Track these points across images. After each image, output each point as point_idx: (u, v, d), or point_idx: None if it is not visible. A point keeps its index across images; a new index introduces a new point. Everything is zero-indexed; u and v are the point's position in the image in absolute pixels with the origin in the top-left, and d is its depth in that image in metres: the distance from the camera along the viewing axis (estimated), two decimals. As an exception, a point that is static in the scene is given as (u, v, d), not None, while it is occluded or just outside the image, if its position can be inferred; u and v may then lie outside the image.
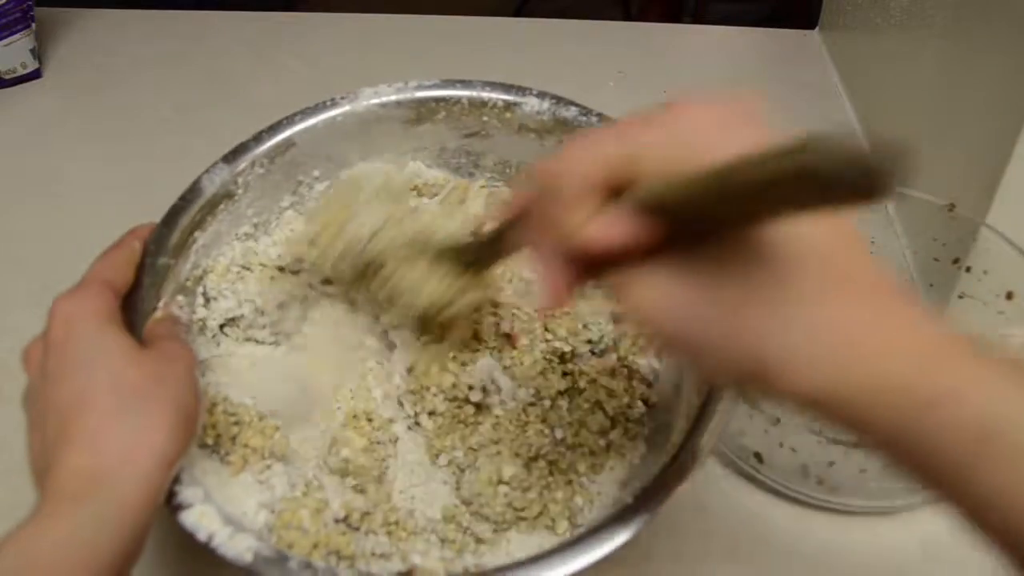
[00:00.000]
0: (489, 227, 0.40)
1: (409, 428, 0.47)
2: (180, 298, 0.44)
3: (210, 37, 0.92)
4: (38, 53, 0.83)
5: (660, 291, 0.28)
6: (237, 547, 0.36)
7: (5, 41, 0.80)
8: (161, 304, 0.43)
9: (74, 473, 0.33)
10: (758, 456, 0.47)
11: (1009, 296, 0.49)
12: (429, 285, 0.44)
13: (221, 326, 0.48)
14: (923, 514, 0.48)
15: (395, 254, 0.44)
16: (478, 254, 0.43)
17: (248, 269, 0.49)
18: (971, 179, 0.54)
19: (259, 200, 0.49)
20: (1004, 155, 0.50)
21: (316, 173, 0.51)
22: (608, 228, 0.27)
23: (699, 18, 1.54)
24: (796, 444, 0.45)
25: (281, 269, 0.50)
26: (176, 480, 0.37)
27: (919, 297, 0.26)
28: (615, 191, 0.28)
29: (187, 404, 0.37)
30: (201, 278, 0.47)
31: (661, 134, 0.28)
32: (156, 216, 0.47)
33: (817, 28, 0.89)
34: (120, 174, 0.73)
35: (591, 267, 0.29)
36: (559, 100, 0.49)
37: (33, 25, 0.82)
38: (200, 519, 0.36)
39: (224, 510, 0.37)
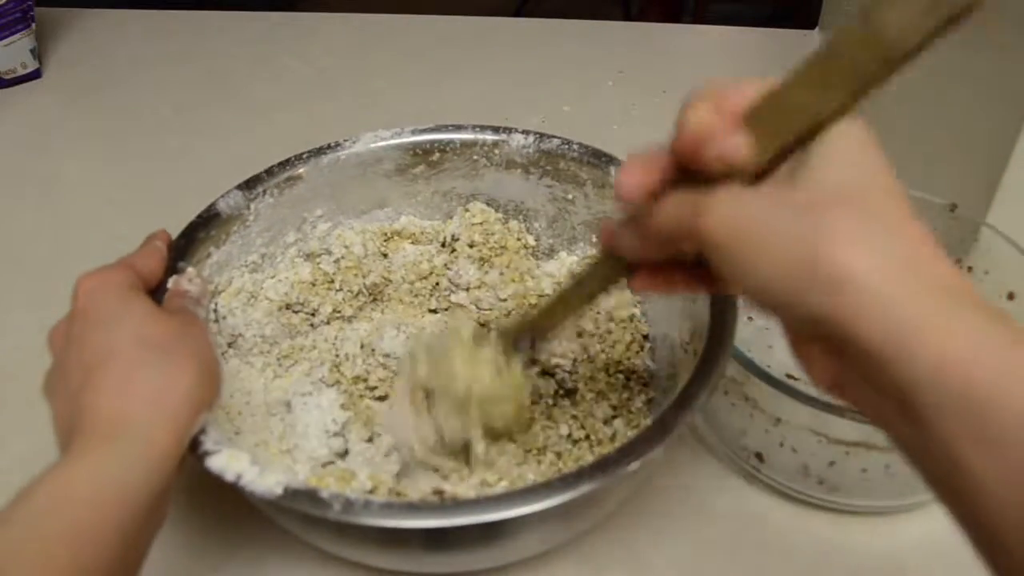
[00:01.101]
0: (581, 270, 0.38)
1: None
2: (191, 270, 0.44)
3: (210, 37, 0.92)
4: (38, 53, 0.84)
5: (736, 204, 0.28)
6: (266, 482, 0.35)
7: (5, 41, 0.80)
8: (171, 282, 0.43)
9: (101, 417, 0.33)
10: (759, 456, 0.47)
11: (1011, 296, 0.49)
12: (475, 368, 0.42)
13: (229, 344, 0.49)
14: (923, 514, 0.48)
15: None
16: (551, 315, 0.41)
17: (255, 298, 0.51)
18: (971, 179, 0.54)
19: (267, 231, 0.51)
20: (1004, 155, 0.50)
21: (319, 212, 0.54)
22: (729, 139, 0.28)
23: (699, 18, 1.55)
24: (797, 444, 0.45)
25: (287, 306, 0.52)
26: (202, 431, 0.37)
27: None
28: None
29: (209, 360, 0.37)
30: (214, 295, 0.49)
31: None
32: (156, 218, 0.47)
33: (817, 28, 0.89)
34: (120, 174, 0.73)
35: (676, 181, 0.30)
36: (541, 135, 0.53)
37: (33, 25, 0.82)
38: (228, 461, 0.36)
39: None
